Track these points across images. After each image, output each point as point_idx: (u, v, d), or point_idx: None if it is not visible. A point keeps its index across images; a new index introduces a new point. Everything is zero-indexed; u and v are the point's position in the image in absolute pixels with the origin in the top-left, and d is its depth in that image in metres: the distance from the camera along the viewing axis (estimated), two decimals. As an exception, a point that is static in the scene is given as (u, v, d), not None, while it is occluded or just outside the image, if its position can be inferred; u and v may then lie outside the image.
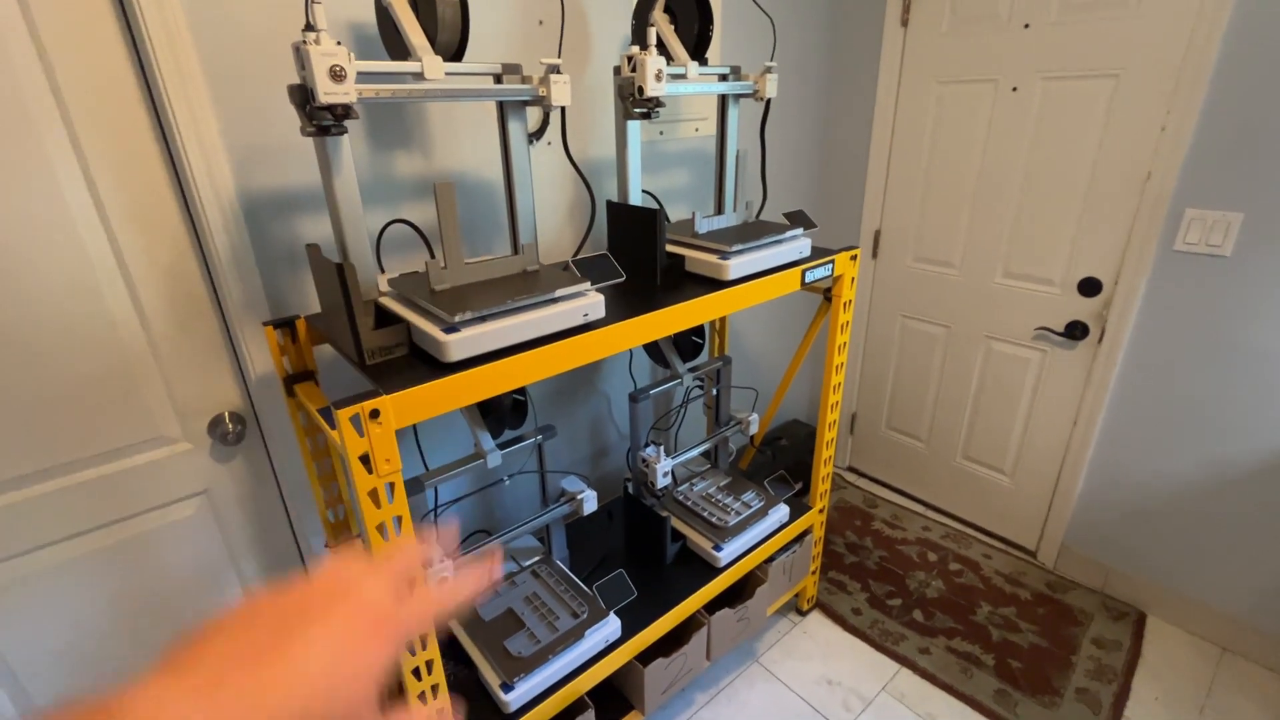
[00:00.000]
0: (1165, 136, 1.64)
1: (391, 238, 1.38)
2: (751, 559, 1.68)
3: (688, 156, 1.94)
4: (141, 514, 1.30)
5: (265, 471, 1.44)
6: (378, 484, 0.88)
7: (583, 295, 1.08)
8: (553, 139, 1.60)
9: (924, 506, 2.54)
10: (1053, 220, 1.91)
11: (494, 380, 0.96)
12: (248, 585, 1.49)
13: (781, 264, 1.43)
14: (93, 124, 1.08)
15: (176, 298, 1.23)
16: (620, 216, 1.36)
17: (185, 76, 1.07)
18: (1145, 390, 1.84)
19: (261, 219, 1.22)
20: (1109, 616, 1.98)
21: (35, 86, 1.02)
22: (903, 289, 2.36)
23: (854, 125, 2.33)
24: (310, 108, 0.89)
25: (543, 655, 1.29)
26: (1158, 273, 1.74)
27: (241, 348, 1.27)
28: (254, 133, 1.17)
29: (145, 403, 1.24)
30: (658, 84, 1.24)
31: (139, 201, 1.15)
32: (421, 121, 1.37)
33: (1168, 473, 1.86)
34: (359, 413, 0.83)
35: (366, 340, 0.95)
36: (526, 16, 1.46)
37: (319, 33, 0.85)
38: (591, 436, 2.00)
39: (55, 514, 1.20)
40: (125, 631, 1.34)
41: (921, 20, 2.05)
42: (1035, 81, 1.84)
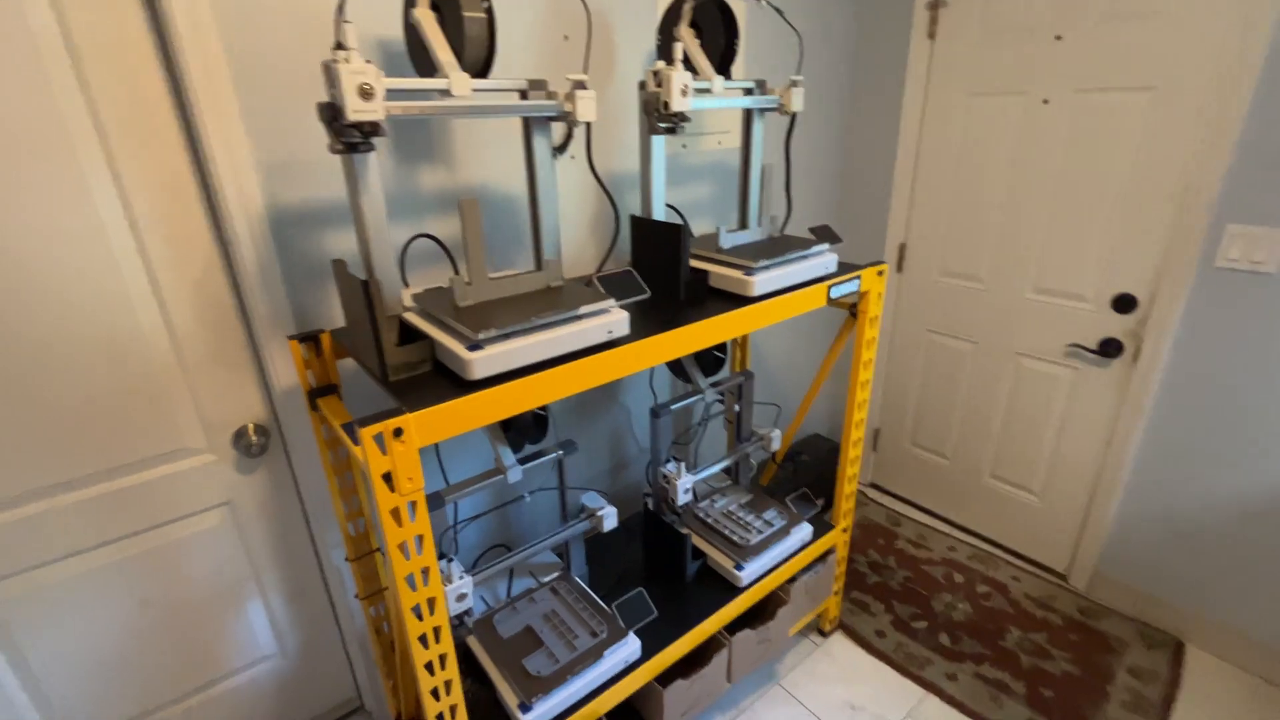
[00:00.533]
0: (1205, 150, 1.59)
1: (414, 251, 1.39)
2: (773, 579, 1.65)
3: (710, 169, 1.93)
4: (166, 524, 1.31)
5: (287, 483, 1.45)
6: (400, 503, 0.87)
7: (607, 312, 1.07)
8: (575, 153, 1.59)
9: (949, 526, 2.48)
10: (1085, 235, 1.86)
11: (518, 399, 0.95)
12: (268, 597, 1.49)
13: (807, 280, 1.41)
14: (127, 141, 1.09)
15: (204, 311, 1.24)
16: (644, 231, 1.35)
17: (218, 96, 1.09)
18: (1184, 410, 1.78)
19: (287, 234, 1.23)
20: (1145, 645, 1.91)
21: (73, 105, 1.04)
22: (928, 303, 2.32)
23: (879, 138, 2.30)
24: (338, 125, 0.89)
25: (561, 675, 1.27)
26: (1197, 290, 1.68)
27: (266, 361, 1.28)
28: (282, 149, 1.18)
29: (172, 414, 1.26)
30: (683, 99, 1.23)
31: (170, 217, 1.16)
32: (445, 135, 1.37)
33: (1208, 496, 1.79)
34: (382, 431, 0.82)
35: (390, 357, 0.95)
36: (552, 32, 1.46)
37: (349, 51, 0.85)
38: (611, 450, 1.98)
39: (82, 523, 1.21)
40: (147, 641, 1.35)
41: (949, 32, 2.02)
42: (1068, 94, 1.80)
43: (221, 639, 1.46)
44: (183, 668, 1.42)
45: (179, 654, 1.41)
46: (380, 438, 0.82)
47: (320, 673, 1.65)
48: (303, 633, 1.58)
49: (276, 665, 1.57)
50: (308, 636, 1.59)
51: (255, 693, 1.55)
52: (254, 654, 1.52)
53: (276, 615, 1.52)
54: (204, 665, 1.45)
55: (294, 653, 1.58)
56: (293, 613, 1.55)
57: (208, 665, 1.46)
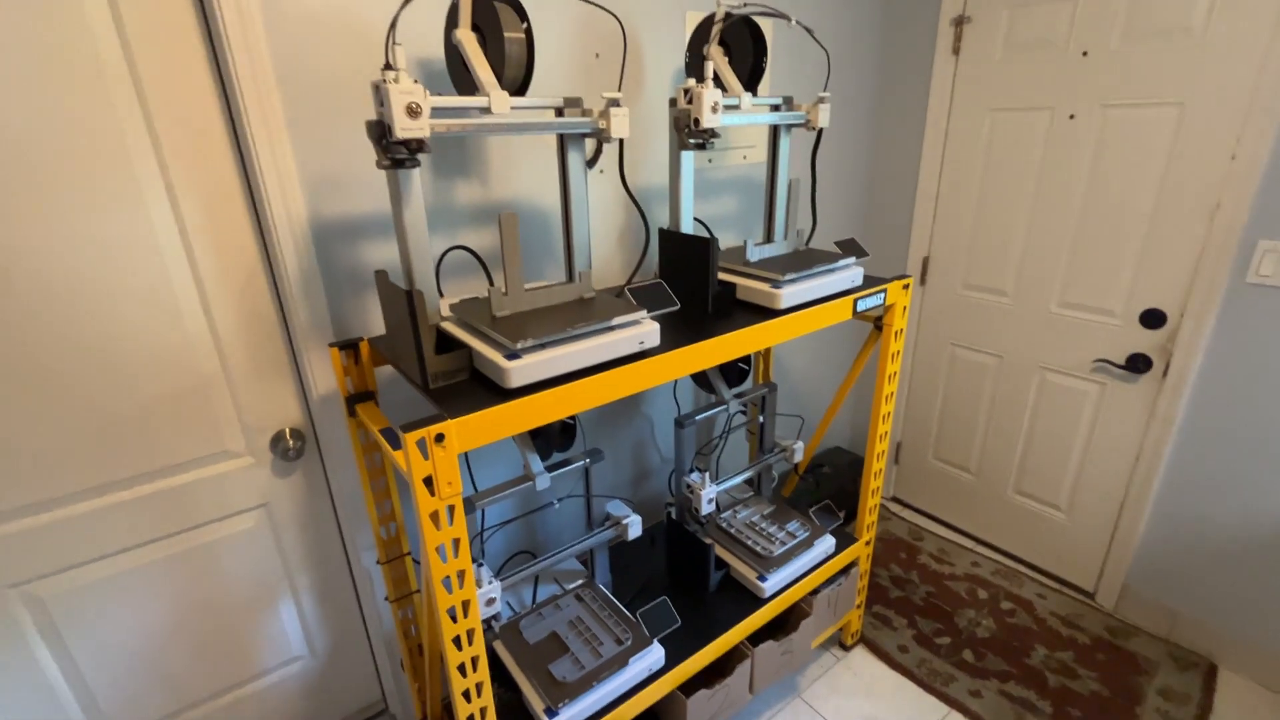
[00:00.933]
0: (1235, 166, 1.59)
1: (450, 262, 1.43)
2: (796, 590, 1.65)
3: (736, 184, 1.96)
4: (206, 525, 1.35)
5: (321, 487, 1.48)
6: (439, 506, 0.90)
7: (639, 324, 1.09)
8: (605, 167, 1.63)
9: (973, 541, 2.45)
10: (1113, 249, 1.85)
11: (554, 406, 0.98)
12: (300, 599, 1.53)
13: (833, 293, 1.42)
14: (181, 155, 1.14)
15: (247, 319, 1.28)
16: (673, 244, 1.38)
17: (268, 113, 1.13)
18: (1215, 427, 1.76)
19: (329, 245, 1.27)
20: (1176, 666, 1.87)
21: (133, 121, 1.09)
22: (952, 316, 2.31)
23: (903, 152, 2.31)
24: (386, 142, 0.93)
25: (587, 682, 1.28)
26: (1229, 305, 1.67)
27: (304, 367, 1.32)
28: (326, 165, 1.23)
29: (214, 419, 1.30)
30: (713, 116, 1.25)
31: (217, 228, 1.21)
32: (480, 151, 1.41)
33: (1240, 515, 1.76)
34: (425, 436, 0.85)
35: (431, 365, 0.98)
36: (584, 50, 1.50)
37: (398, 72, 0.89)
38: (634, 459, 2.00)
39: (128, 522, 1.26)
40: (185, 638, 1.39)
41: (974, 48, 2.03)
42: (1094, 109, 1.80)
43: (254, 639, 1.49)
44: (217, 666, 1.46)
45: (214, 652, 1.44)
46: (423, 443, 0.85)
47: (347, 675, 1.68)
48: (332, 635, 1.61)
49: (306, 666, 1.60)
50: (336, 639, 1.62)
51: (284, 694, 1.58)
52: (285, 655, 1.55)
53: (307, 617, 1.56)
54: (237, 664, 1.48)
55: (323, 654, 1.61)
56: (323, 614, 1.58)
57: (241, 664, 1.49)
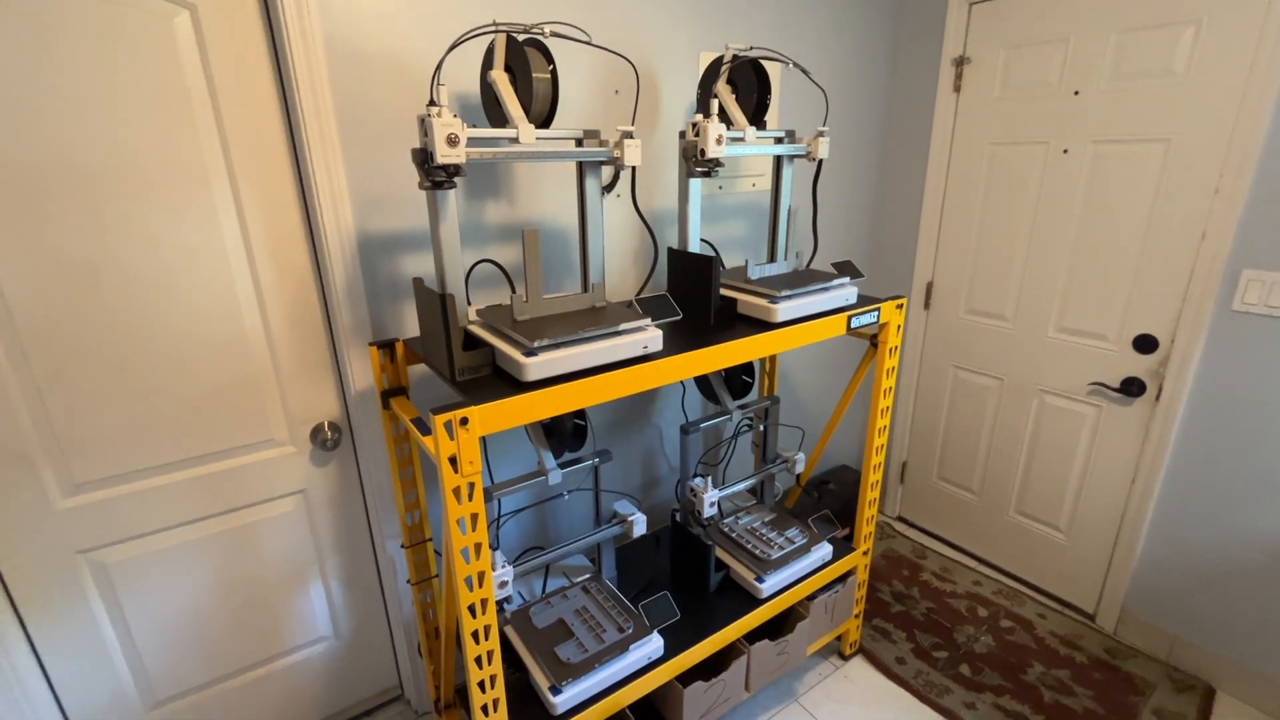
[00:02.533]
0: (1219, 199, 1.67)
1: (476, 274, 1.57)
2: (793, 593, 1.72)
3: (744, 209, 2.09)
4: (250, 506, 1.50)
5: (353, 477, 1.62)
6: (461, 483, 1.02)
7: (643, 330, 1.21)
8: (621, 192, 1.77)
9: (975, 560, 2.49)
10: (1106, 277, 1.94)
11: (564, 399, 1.10)
12: (328, 581, 1.65)
13: (828, 309, 1.53)
14: (250, 174, 1.31)
15: (297, 320, 1.44)
16: (680, 262, 1.51)
17: (326, 139, 1.30)
18: (1209, 449, 1.81)
19: (371, 256, 1.43)
20: (1173, 688, 1.89)
21: (211, 143, 1.26)
22: (955, 340, 2.40)
23: (907, 182, 2.43)
24: (428, 166, 1.08)
25: (590, 664, 1.38)
26: (1216, 332, 1.73)
27: (345, 365, 1.47)
28: (373, 185, 1.39)
29: (264, 409, 1.45)
30: (718, 147, 1.39)
31: (277, 239, 1.37)
32: (508, 176, 1.57)
33: (1239, 537, 1.80)
34: (451, 419, 0.98)
35: (459, 360, 1.11)
36: (605, 86, 1.65)
37: (441, 108, 1.04)
38: (644, 467, 2.10)
39: (183, 499, 1.40)
40: (224, 611, 1.52)
41: (974, 87, 2.16)
42: (1086, 145, 1.91)
43: (285, 617, 1.62)
44: (250, 640, 1.58)
45: (249, 627, 1.57)
46: (449, 425, 0.98)
47: (366, 659, 1.79)
48: (355, 618, 1.73)
49: (330, 647, 1.71)
50: (359, 622, 1.74)
51: (308, 672, 1.70)
52: (312, 634, 1.67)
53: (334, 599, 1.68)
54: (268, 640, 1.61)
55: (346, 636, 1.73)
56: (348, 598, 1.70)
57: (271, 640, 1.61)
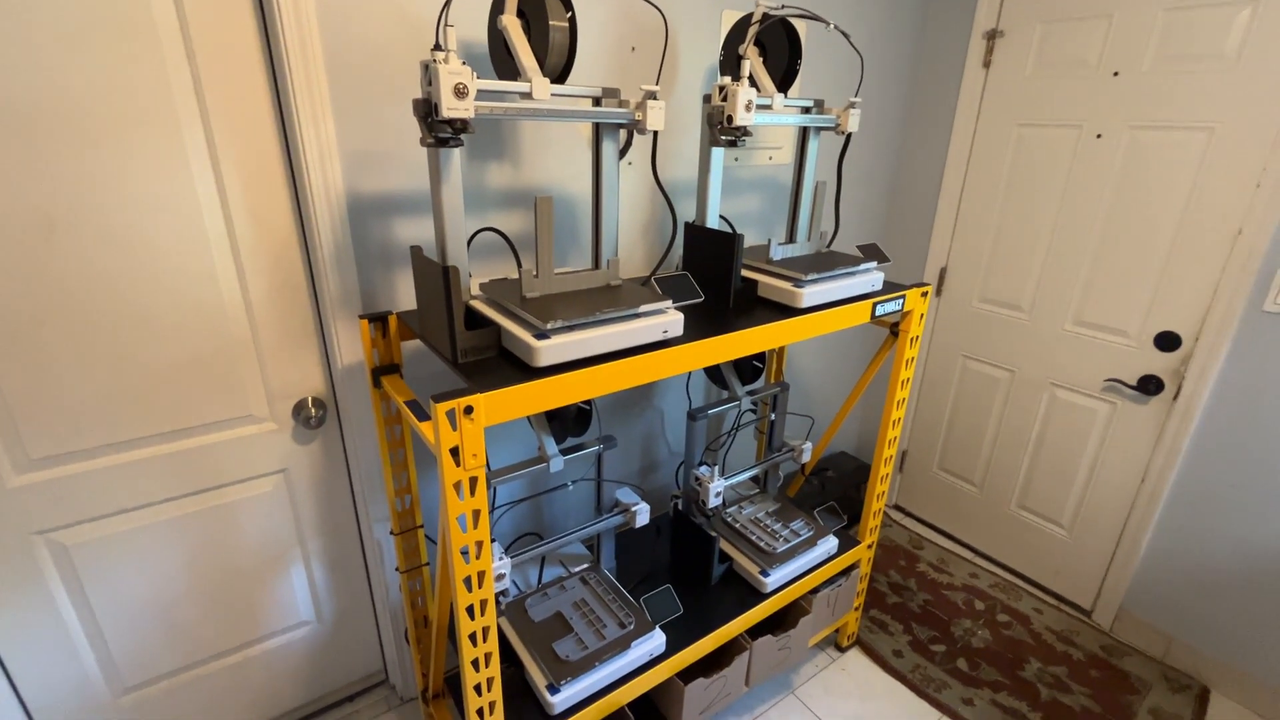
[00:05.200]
0: (1260, 194, 1.59)
1: (476, 244, 1.45)
2: (797, 588, 1.67)
3: (759, 184, 1.97)
4: (226, 486, 1.39)
5: (338, 457, 1.51)
6: (463, 477, 0.92)
7: (664, 313, 1.11)
8: (633, 159, 1.65)
9: (972, 553, 2.47)
10: (1132, 271, 1.86)
11: (578, 387, 1.00)
12: (311, 565, 1.56)
13: (853, 296, 1.44)
14: (226, 122, 1.17)
15: (279, 287, 1.31)
16: (698, 238, 1.40)
17: (313, 85, 1.16)
18: (1223, 453, 1.77)
19: (363, 219, 1.30)
20: (1169, 687, 1.88)
21: (182, 84, 1.12)
22: (966, 328, 2.33)
23: (927, 162, 2.32)
24: (432, 120, 0.95)
25: (589, 661, 1.31)
26: (1244, 332, 1.68)
27: (331, 338, 1.35)
28: (366, 140, 1.25)
29: (242, 383, 1.33)
30: (746, 114, 1.27)
31: (257, 195, 1.24)
32: (513, 136, 1.44)
33: (1243, 543, 1.77)
34: (455, 408, 0.88)
35: (461, 340, 1.00)
36: (621, 42, 1.52)
37: (448, 53, 0.91)
38: (643, 451, 2.02)
39: (151, 478, 1.29)
40: (198, 595, 1.42)
41: (1005, 63, 2.04)
42: (1122, 130, 1.81)
43: (265, 601, 1.52)
44: (227, 625, 1.49)
45: (225, 611, 1.47)
46: (452, 414, 0.88)
47: (350, 644, 1.71)
48: (338, 603, 1.64)
49: (312, 632, 1.63)
50: (343, 607, 1.65)
51: (289, 657, 1.62)
52: (292, 619, 1.58)
53: (317, 583, 1.59)
54: (246, 625, 1.52)
55: (329, 621, 1.65)
56: (331, 582, 1.61)
57: (250, 625, 1.52)
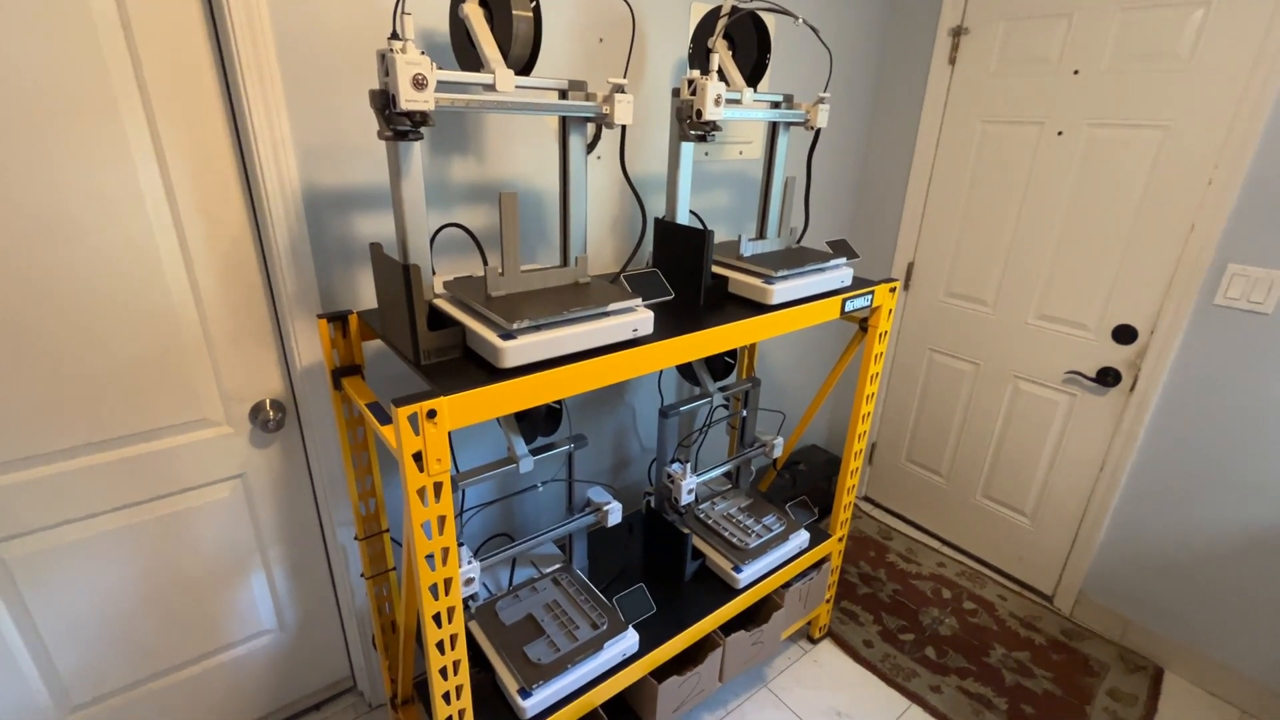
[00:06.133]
0: (1212, 191, 1.64)
1: (439, 240, 1.41)
2: (770, 583, 1.67)
3: (729, 178, 1.96)
4: (179, 493, 1.33)
5: (299, 460, 1.46)
6: (427, 483, 0.89)
7: (633, 311, 1.09)
8: (601, 154, 1.62)
9: (940, 542, 2.52)
10: (1091, 265, 1.91)
11: (546, 388, 0.98)
12: (272, 572, 1.51)
13: (823, 292, 1.44)
14: (170, 108, 1.11)
15: (231, 284, 1.26)
16: (668, 234, 1.38)
17: (264, 72, 1.11)
18: (1177, 442, 1.83)
19: (320, 214, 1.25)
20: (1126, 669, 1.95)
21: (120, 66, 1.05)
22: (933, 323, 2.36)
23: (895, 157, 2.34)
24: (390, 112, 0.91)
25: (562, 664, 1.29)
26: (1196, 325, 1.73)
27: (289, 337, 1.30)
28: (323, 131, 1.20)
29: (193, 385, 1.27)
30: (716, 108, 1.26)
31: (206, 189, 1.18)
32: (476, 129, 1.40)
33: (1195, 529, 1.84)
34: (417, 412, 0.85)
35: (424, 341, 0.97)
36: (588, 33, 1.49)
37: (405, 42, 0.88)
38: (615, 448, 2.01)
39: (98, 487, 1.23)
40: (151, 607, 1.36)
41: (970, 59, 2.06)
42: (1082, 127, 1.85)
43: (223, 611, 1.47)
44: (184, 636, 1.43)
45: (182, 622, 1.42)
46: (414, 418, 0.85)
47: (316, 651, 1.66)
48: (302, 610, 1.59)
49: (274, 640, 1.58)
50: (307, 614, 1.61)
51: (251, 667, 1.56)
52: (253, 628, 1.53)
53: (279, 590, 1.54)
54: (204, 635, 1.46)
55: (292, 629, 1.60)
56: (294, 589, 1.56)
57: (207, 637, 1.47)
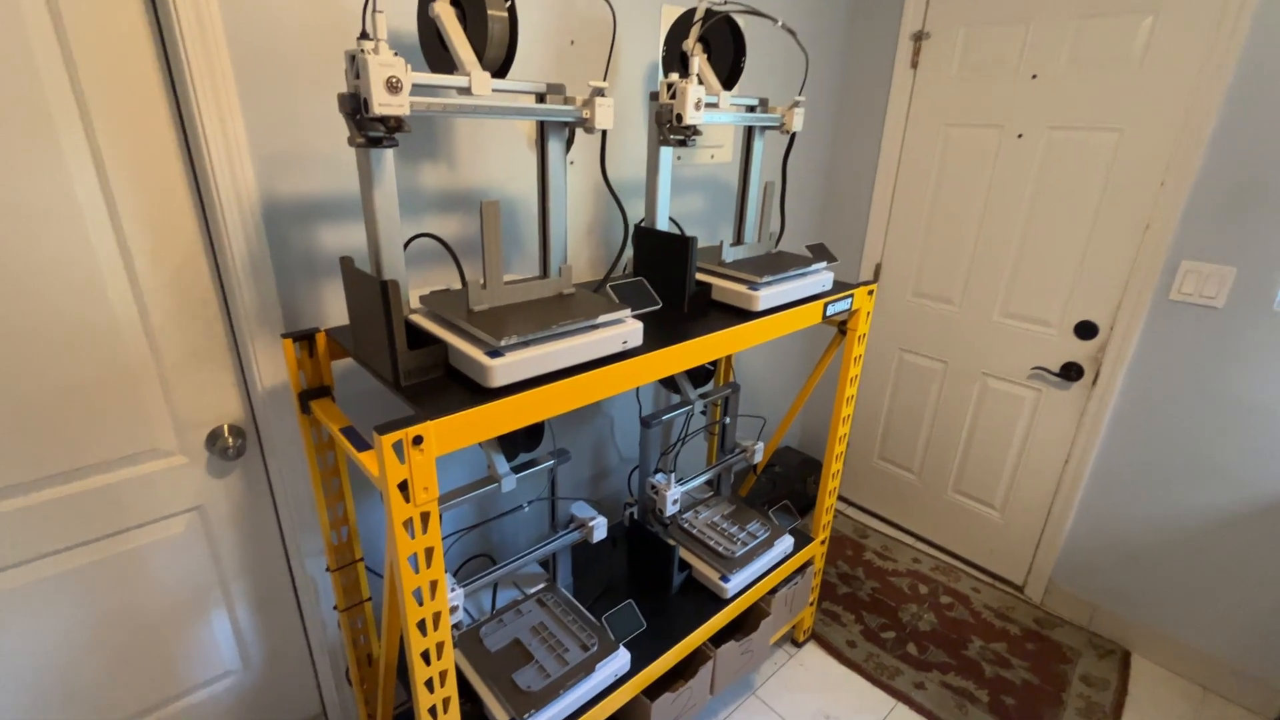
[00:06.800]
0: (1164, 191, 1.71)
1: (410, 251, 1.34)
2: (757, 590, 1.66)
3: (701, 183, 1.95)
4: (128, 530, 1.22)
5: (262, 489, 1.37)
6: (414, 513, 0.84)
7: (622, 322, 1.05)
8: (575, 158, 1.58)
9: (914, 538, 2.56)
10: (1053, 263, 1.97)
11: (537, 407, 0.93)
12: (234, 608, 1.41)
13: (806, 296, 1.44)
14: (110, 118, 1.02)
15: (183, 302, 1.16)
16: (650, 241, 1.35)
17: (216, 73, 1.02)
18: (1137, 433, 1.90)
19: (281, 226, 1.17)
20: (1096, 654, 2.01)
21: (53, 73, 0.96)
22: (901, 323, 2.40)
23: (860, 160, 2.37)
24: (361, 118, 0.85)
25: (553, 690, 1.24)
26: (1153, 320, 1.80)
27: (249, 358, 1.21)
28: (282, 137, 1.12)
29: (143, 412, 1.17)
30: (697, 112, 1.24)
31: (152, 201, 1.09)
32: (448, 134, 1.34)
33: (1156, 515, 1.91)
34: (402, 439, 0.79)
35: (404, 361, 0.91)
36: (559, 35, 1.44)
37: (377, 42, 0.82)
38: (594, 459, 1.96)
39: (38, 528, 1.12)
40: (100, 654, 1.25)
41: (931, 64, 2.10)
42: (1041, 130, 1.90)
43: (180, 654, 1.36)
44: (135, 687, 1.32)
45: (132, 671, 1.30)
46: (399, 445, 0.79)
47: (284, 689, 1.56)
48: (268, 646, 1.49)
49: (239, 680, 1.47)
50: (273, 650, 1.51)
51: (214, 711, 1.45)
52: (215, 670, 1.42)
53: (242, 627, 1.43)
54: (159, 684, 1.35)
55: (257, 667, 1.49)
56: (259, 624, 1.46)
57: (163, 684, 1.35)
